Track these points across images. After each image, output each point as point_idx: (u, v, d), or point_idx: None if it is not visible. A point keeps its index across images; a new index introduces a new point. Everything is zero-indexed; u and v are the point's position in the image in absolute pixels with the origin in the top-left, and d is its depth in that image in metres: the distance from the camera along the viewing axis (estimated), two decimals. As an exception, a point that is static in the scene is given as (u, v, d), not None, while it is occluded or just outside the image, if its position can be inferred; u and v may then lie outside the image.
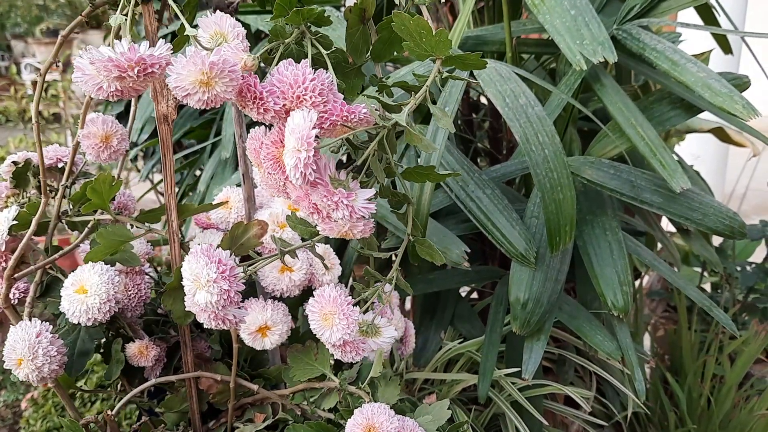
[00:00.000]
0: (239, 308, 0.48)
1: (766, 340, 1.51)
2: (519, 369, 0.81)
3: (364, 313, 0.53)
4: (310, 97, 0.40)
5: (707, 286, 1.84)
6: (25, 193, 0.59)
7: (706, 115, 1.55)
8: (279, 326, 0.57)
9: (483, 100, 1.25)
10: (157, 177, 1.41)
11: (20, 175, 0.58)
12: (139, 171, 1.29)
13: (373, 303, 0.53)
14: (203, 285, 0.43)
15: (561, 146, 0.73)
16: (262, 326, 0.56)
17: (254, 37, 1.08)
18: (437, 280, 0.89)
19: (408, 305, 1.15)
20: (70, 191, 0.58)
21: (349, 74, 0.52)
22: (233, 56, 0.40)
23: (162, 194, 1.61)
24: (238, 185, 0.70)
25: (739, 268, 1.64)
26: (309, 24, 0.46)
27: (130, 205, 0.63)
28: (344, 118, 0.41)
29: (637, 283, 1.64)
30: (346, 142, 0.44)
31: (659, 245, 1.33)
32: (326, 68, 0.48)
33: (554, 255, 0.77)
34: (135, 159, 1.39)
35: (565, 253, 0.79)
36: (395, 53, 0.53)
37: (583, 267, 0.85)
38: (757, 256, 1.77)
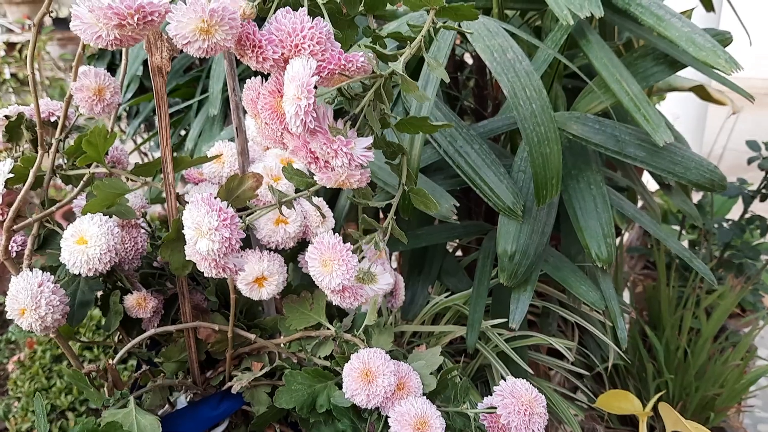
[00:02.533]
0: (238, 257, 0.49)
1: (740, 295, 1.56)
2: (506, 320, 0.83)
3: (360, 260, 0.54)
4: (309, 46, 0.41)
5: (685, 243, 1.89)
6: (18, 147, 0.59)
7: (687, 73, 1.57)
8: (275, 276, 0.58)
9: (468, 59, 1.25)
10: (140, 139, 1.40)
11: (13, 129, 0.58)
12: (123, 131, 1.29)
13: (367, 252, 0.54)
14: (205, 233, 0.44)
15: (548, 101, 0.74)
16: (258, 277, 0.58)
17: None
18: (425, 235, 0.91)
19: (395, 263, 1.17)
20: (63, 145, 0.58)
21: (343, 25, 0.52)
22: (232, 4, 0.40)
23: (145, 154, 1.60)
24: (231, 140, 0.70)
25: (716, 225, 1.68)
26: (304, -27, 0.46)
27: (124, 159, 0.64)
28: (342, 66, 0.42)
29: (617, 240, 1.68)
30: (341, 94, 0.44)
31: (640, 201, 1.36)
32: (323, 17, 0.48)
33: (541, 208, 0.78)
34: (119, 118, 1.37)
35: (551, 206, 0.81)
36: (388, 4, 0.53)
37: (568, 221, 0.87)
38: (734, 214, 1.81)
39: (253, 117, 0.47)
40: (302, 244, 0.65)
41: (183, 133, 1.11)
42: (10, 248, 0.56)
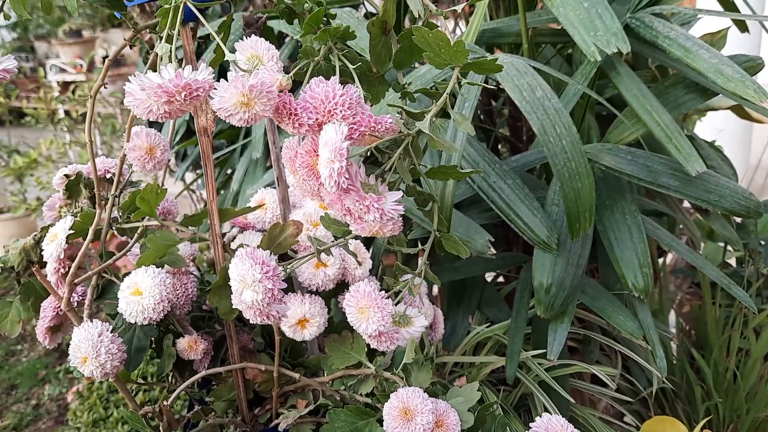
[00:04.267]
0: (281, 304, 0.53)
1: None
2: (545, 351, 0.84)
3: (396, 304, 0.56)
4: (341, 111, 0.44)
5: (732, 261, 1.85)
6: (77, 203, 0.64)
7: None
8: (317, 318, 0.61)
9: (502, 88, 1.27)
10: (189, 177, 1.46)
11: (72, 187, 0.63)
12: (173, 172, 1.35)
13: (403, 295, 0.57)
14: (249, 285, 0.47)
15: (578, 136, 0.75)
16: (301, 319, 0.61)
17: (277, 38, 1.12)
18: (463, 267, 0.93)
19: (435, 291, 1.19)
20: (119, 200, 0.62)
21: (374, 82, 0.55)
22: (269, 77, 0.44)
23: (194, 191, 1.66)
24: (271, 185, 0.74)
25: (763, 242, 1.65)
26: (335, 40, 0.49)
27: (174, 210, 0.68)
28: (372, 128, 0.45)
29: (661, 260, 1.66)
30: (375, 151, 0.47)
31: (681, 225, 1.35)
32: (353, 80, 0.51)
33: (575, 241, 0.80)
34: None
35: (585, 238, 0.82)
36: (416, 61, 0.56)
37: (604, 249, 0.88)
38: (782, 230, 1.77)
39: (292, 173, 0.51)
40: (342, 284, 0.68)
41: (229, 172, 1.16)
42: (72, 299, 0.60)
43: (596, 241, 0.88)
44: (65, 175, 0.64)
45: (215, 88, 0.42)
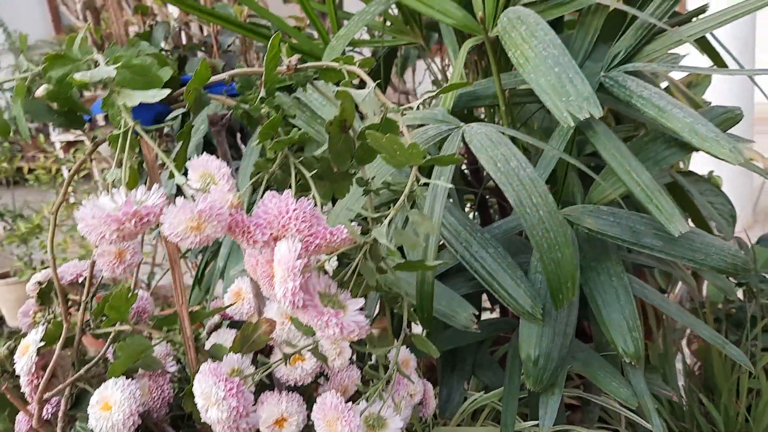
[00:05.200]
0: (254, 408, 0.52)
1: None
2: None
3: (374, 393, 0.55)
4: (295, 225, 0.44)
5: (740, 292, 1.82)
6: (50, 310, 0.64)
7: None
8: (295, 417, 0.59)
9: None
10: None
11: (45, 294, 0.63)
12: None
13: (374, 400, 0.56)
14: (213, 403, 0.46)
15: (554, 206, 0.75)
16: (278, 419, 0.59)
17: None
18: (452, 337, 0.92)
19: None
20: (91, 305, 0.62)
21: (337, 178, 0.55)
22: (220, 197, 0.43)
23: (186, 257, 1.66)
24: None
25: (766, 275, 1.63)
26: (293, 148, 0.49)
27: (149, 308, 0.67)
28: (327, 240, 0.44)
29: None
30: (337, 258, 0.47)
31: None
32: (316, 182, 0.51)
33: (561, 309, 0.79)
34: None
35: (571, 306, 0.81)
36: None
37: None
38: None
39: (255, 280, 0.50)
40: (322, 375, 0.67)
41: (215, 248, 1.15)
42: (45, 411, 0.59)
43: (586, 299, 0.87)
44: (38, 282, 0.63)
45: (164, 215, 0.42)
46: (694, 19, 1.08)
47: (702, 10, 1.06)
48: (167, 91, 0.42)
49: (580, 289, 0.85)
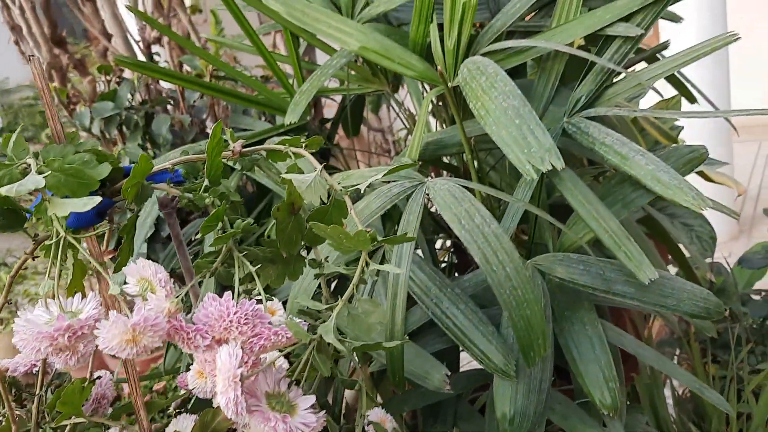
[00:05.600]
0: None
1: (788, 371, 1.48)
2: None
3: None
4: (237, 328, 0.42)
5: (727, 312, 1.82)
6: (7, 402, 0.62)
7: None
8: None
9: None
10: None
11: (-3, 388, 0.61)
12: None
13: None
14: None
15: (521, 262, 0.74)
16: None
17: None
18: (427, 393, 0.90)
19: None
20: (45, 398, 0.60)
21: (289, 261, 0.54)
22: (157, 305, 0.42)
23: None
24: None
25: (756, 296, 1.62)
26: (238, 240, 0.48)
27: (109, 394, 0.66)
28: (272, 341, 0.43)
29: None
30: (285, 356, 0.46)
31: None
32: (269, 263, 0.50)
33: (535, 365, 0.77)
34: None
35: (545, 360, 0.79)
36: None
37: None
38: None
39: (206, 376, 0.49)
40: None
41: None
42: None
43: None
44: (-10, 374, 0.62)
45: (98, 329, 0.41)
46: (658, 55, 1.08)
47: (664, 46, 1.06)
48: (98, 199, 0.41)
49: (554, 338, 0.84)
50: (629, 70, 1.02)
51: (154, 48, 1.53)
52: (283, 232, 0.52)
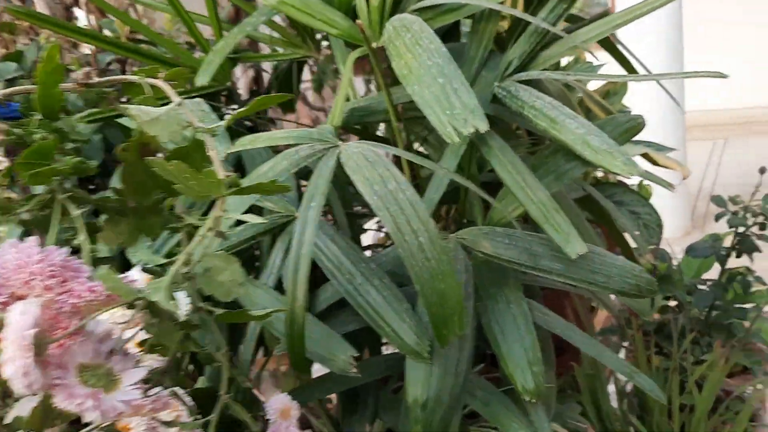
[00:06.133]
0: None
1: (731, 361, 1.45)
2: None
3: None
4: (41, 281, 0.34)
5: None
6: None
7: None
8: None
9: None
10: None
11: None
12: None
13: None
14: None
15: (436, 232, 0.67)
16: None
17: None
18: (343, 378, 0.83)
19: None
20: None
21: (143, 213, 0.46)
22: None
23: None
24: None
25: (702, 286, 1.59)
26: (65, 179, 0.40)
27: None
28: (89, 299, 0.35)
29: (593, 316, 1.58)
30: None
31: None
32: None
33: (451, 344, 0.70)
34: None
35: (464, 340, 0.73)
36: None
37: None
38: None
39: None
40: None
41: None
42: None
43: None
44: None
45: None
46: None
47: (605, 14, 1.01)
48: None
49: (478, 319, 0.78)
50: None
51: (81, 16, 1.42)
52: (133, 177, 0.44)
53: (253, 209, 0.90)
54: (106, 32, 1.28)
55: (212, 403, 0.59)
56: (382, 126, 1.16)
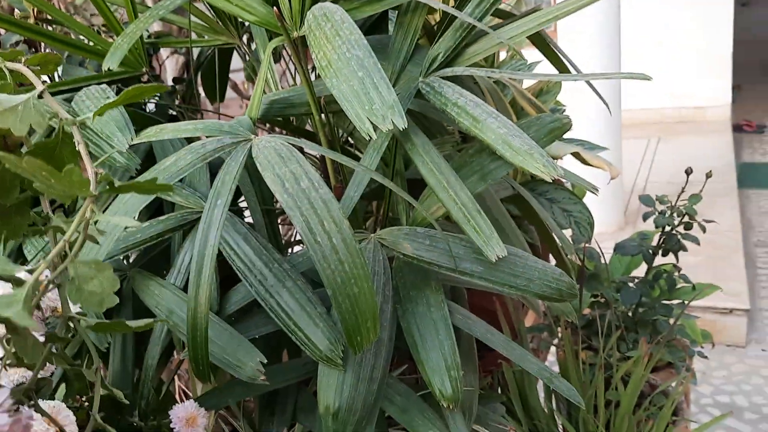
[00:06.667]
0: None
1: (655, 357, 1.47)
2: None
3: None
4: None
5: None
6: None
7: (567, 136, 1.50)
8: None
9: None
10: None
11: None
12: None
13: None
14: None
15: (351, 233, 0.64)
16: None
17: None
18: (255, 384, 0.79)
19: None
20: None
21: (8, 213, 0.41)
22: None
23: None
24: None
25: (631, 283, 1.61)
26: None
27: None
28: None
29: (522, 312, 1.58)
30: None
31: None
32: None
33: (366, 350, 0.68)
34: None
35: (379, 345, 0.70)
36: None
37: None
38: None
39: None
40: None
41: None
42: None
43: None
44: None
45: None
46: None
47: (535, 10, 0.99)
48: None
49: (397, 323, 0.75)
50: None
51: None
52: (-6, 175, 0.39)
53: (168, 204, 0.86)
54: (17, 12, 1.20)
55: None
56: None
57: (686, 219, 1.48)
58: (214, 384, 0.86)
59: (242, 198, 0.90)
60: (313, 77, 0.93)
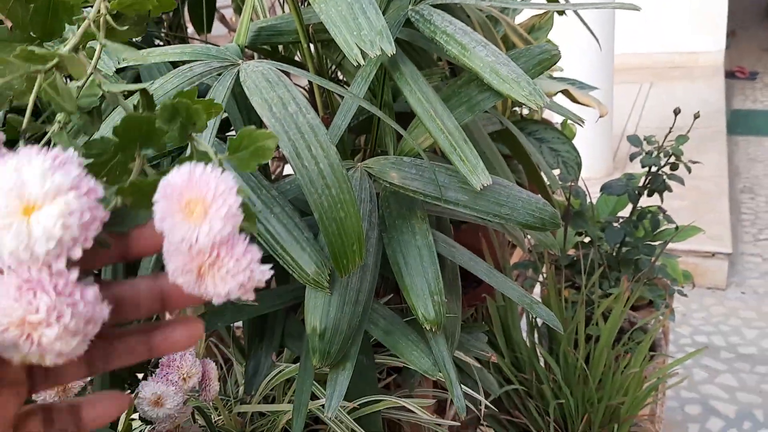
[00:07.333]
0: None
1: (634, 294, 1.50)
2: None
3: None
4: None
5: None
6: None
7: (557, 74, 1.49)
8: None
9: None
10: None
11: None
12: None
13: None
14: None
15: (338, 158, 0.64)
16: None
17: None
18: (246, 307, 0.81)
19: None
20: None
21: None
22: None
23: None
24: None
25: (616, 223, 1.63)
26: None
27: None
28: None
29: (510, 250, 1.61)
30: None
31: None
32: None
33: (353, 273, 0.69)
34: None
35: (364, 269, 0.72)
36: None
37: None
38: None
39: None
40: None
41: None
42: None
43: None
44: None
45: None
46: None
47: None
48: None
49: (383, 252, 0.77)
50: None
51: None
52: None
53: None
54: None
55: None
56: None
57: (672, 160, 1.49)
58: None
59: (231, 129, 0.90)
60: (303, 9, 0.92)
